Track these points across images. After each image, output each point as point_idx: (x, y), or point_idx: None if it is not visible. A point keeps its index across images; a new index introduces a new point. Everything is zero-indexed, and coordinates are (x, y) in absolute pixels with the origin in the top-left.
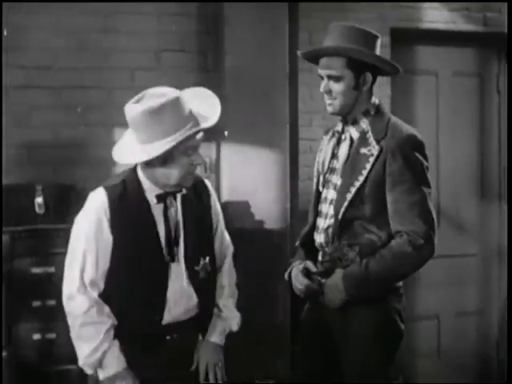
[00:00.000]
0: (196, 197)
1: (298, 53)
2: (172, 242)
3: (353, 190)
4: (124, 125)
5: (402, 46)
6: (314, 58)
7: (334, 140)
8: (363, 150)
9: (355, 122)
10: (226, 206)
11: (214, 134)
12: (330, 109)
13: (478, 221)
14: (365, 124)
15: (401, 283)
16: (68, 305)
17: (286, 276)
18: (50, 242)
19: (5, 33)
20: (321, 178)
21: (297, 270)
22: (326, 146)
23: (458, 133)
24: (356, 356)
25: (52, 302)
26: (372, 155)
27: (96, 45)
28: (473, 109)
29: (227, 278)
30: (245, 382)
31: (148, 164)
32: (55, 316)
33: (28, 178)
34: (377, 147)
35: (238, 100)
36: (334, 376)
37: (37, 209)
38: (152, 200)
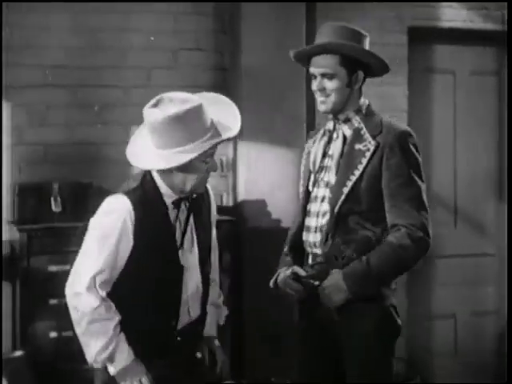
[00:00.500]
0: (200, 197)
1: (291, 52)
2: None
3: (349, 184)
4: (140, 123)
5: (420, 45)
6: (305, 57)
7: (324, 139)
8: (358, 146)
9: (347, 120)
10: (242, 205)
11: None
12: (322, 107)
13: (495, 221)
14: (357, 122)
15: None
16: (75, 301)
17: (272, 284)
18: (66, 241)
19: (5, 31)
20: (312, 177)
21: (284, 276)
22: (317, 145)
23: (476, 132)
24: (358, 355)
25: None
26: (368, 150)
27: (113, 44)
28: (490, 108)
29: (216, 273)
30: (261, 381)
31: (165, 170)
32: None
33: (45, 176)
34: (373, 142)
35: (254, 99)
36: (336, 376)
37: (53, 207)
38: (169, 205)
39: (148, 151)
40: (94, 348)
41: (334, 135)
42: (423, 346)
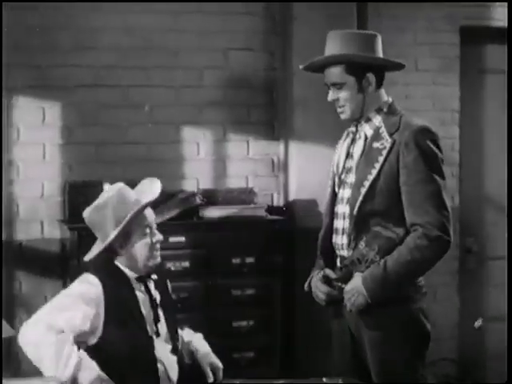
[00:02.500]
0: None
1: (300, 67)
2: (155, 319)
3: (367, 184)
4: (191, 123)
5: (472, 45)
6: (319, 68)
7: (348, 140)
8: (376, 145)
9: (368, 120)
10: (293, 205)
11: (282, 133)
12: (342, 116)
13: None
14: (378, 121)
15: (423, 281)
16: (30, 334)
17: (306, 287)
18: None
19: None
20: (336, 179)
21: (316, 279)
22: (341, 147)
23: None
24: (382, 358)
25: None
26: (385, 148)
27: (163, 44)
28: None
29: None
30: (313, 380)
31: (115, 253)
32: None
33: (95, 175)
34: (390, 140)
35: (305, 99)
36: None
37: None
38: (134, 283)
39: (95, 246)
40: (61, 361)
41: (357, 136)
42: (475, 347)
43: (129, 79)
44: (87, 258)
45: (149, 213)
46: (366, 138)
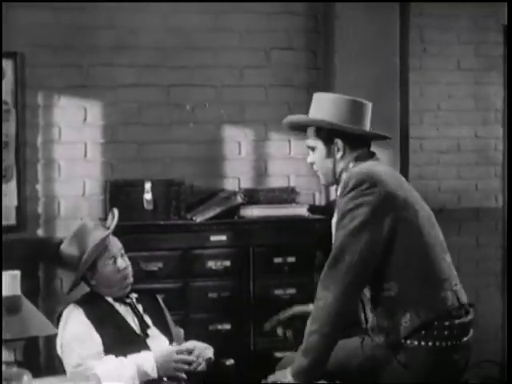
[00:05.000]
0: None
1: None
2: (143, 327)
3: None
4: (232, 122)
5: None
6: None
7: None
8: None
9: (340, 181)
10: (334, 204)
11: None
12: (321, 182)
13: None
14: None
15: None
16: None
17: None
18: (157, 238)
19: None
20: None
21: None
22: None
23: None
24: None
25: (161, 296)
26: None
27: (205, 43)
28: None
29: None
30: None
31: (89, 283)
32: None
33: (137, 174)
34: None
35: None
36: None
37: (145, 205)
38: (113, 302)
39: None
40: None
41: None
42: None
43: (170, 78)
44: (67, 292)
45: (112, 242)
46: None
